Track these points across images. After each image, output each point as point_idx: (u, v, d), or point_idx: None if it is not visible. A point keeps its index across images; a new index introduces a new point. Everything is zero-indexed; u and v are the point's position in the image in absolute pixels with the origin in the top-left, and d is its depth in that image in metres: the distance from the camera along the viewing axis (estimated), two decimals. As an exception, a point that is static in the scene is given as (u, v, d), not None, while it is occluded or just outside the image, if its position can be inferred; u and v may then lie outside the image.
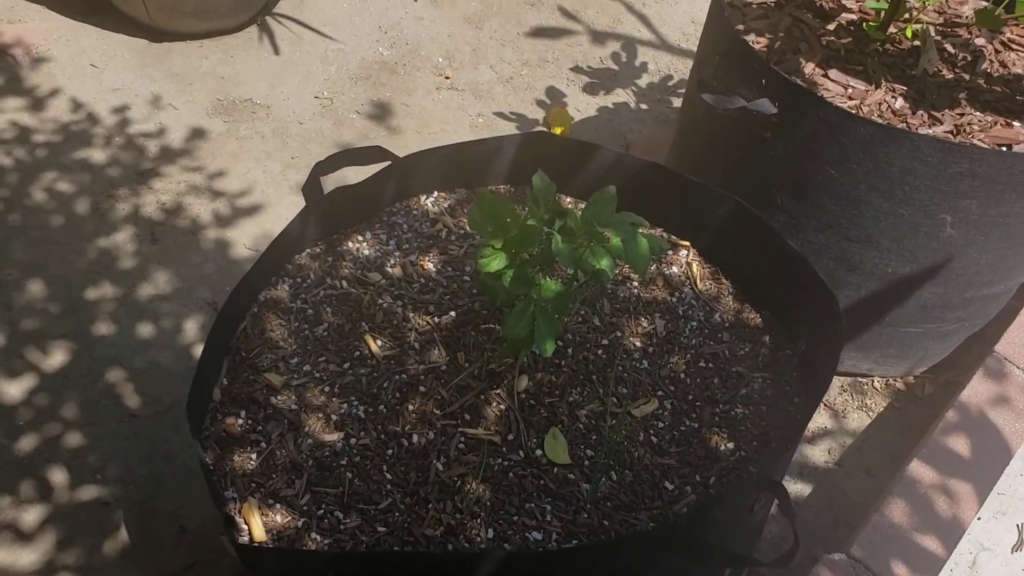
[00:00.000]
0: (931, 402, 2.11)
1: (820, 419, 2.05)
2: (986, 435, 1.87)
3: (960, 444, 1.84)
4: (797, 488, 1.93)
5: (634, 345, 1.44)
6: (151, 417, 1.87)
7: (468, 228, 1.55)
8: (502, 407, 1.33)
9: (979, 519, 1.95)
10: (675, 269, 1.56)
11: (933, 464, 1.79)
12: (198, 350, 1.99)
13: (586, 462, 1.29)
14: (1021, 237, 1.84)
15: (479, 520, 1.21)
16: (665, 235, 1.60)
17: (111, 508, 1.74)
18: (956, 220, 1.75)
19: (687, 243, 1.60)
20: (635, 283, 1.52)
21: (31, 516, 1.72)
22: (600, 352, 1.42)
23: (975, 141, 1.74)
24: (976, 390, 1.93)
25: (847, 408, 2.08)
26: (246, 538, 1.17)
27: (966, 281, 1.88)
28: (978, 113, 1.78)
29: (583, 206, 1.58)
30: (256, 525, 1.17)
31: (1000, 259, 1.86)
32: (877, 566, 1.60)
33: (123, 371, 1.94)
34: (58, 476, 1.77)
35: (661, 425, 1.35)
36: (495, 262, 1.22)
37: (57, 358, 1.96)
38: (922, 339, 2.02)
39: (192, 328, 2.03)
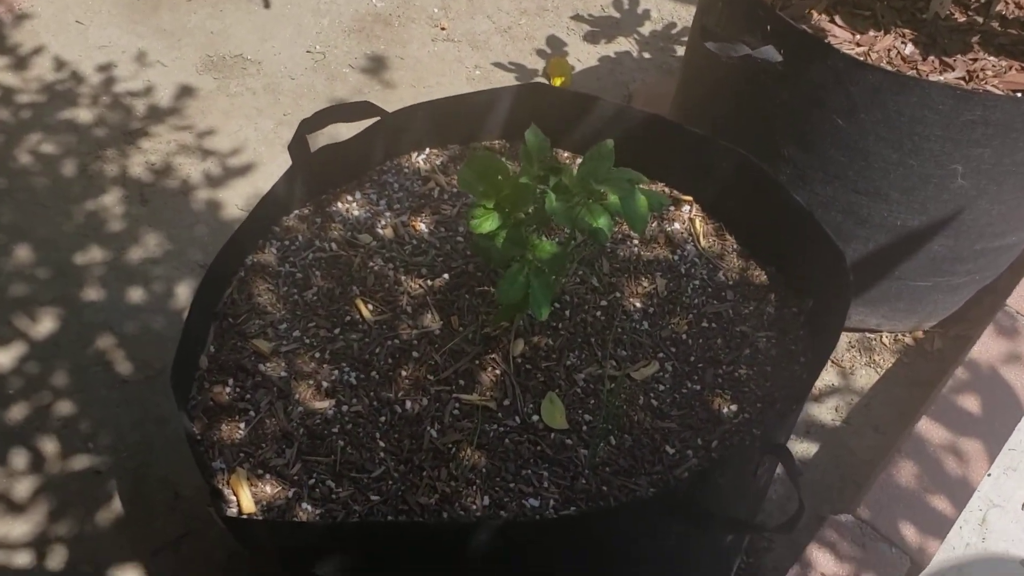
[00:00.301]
0: (941, 357, 2.06)
1: (827, 376, 2.01)
2: (997, 391, 1.83)
3: (970, 401, 1.80)
4: (803, 447, 1.89)
5: (634, 306, 1.39)
6: (142, 383, 1.84)
7: (459, 186, 1.50)
8: (497, 372, 1.29)
9: (989, 475, 1.91)
10: (677, 226, 1.51)
11: (942, 422, 1.76)
12: (190, 314, 1.95)
13: (584, 427, 1.25)
14: (1035, 186, 1.78)
15: (474, 487, 1.18)
16: (667, 190, 1.55)
17: (103, 476, 1.71)
18: (968, 170, 1.69)
19: (690, 198, 1.54)
20: (635, 241, 1.47)
21: (23, 487, 1.69)
22: (599, 314, 1.37)
23: (988, 87, 1.68)
24: (987, 345, 1.89)
25: (855, 365, 2.04)
26: (234, 510, 1.14)
27: (977, 233, 1.83)
28: (992, 58, 1.71)
29: (580, 161, 1.53)
30: (245, 497, 1.14)
31: (1013, 209, 1.81)
32: (884, 527, 1.57)
33: (114, 337, 1.90)
34: (49, 445, 1.75)
35: (662, 388, 1.31)
36: (487, 223, 1.17)
37: (46, 324, 1.92)
38: (932, 293, 1.97)
39: (184, 292, 1.99)
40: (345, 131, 2.15)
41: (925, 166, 1.69)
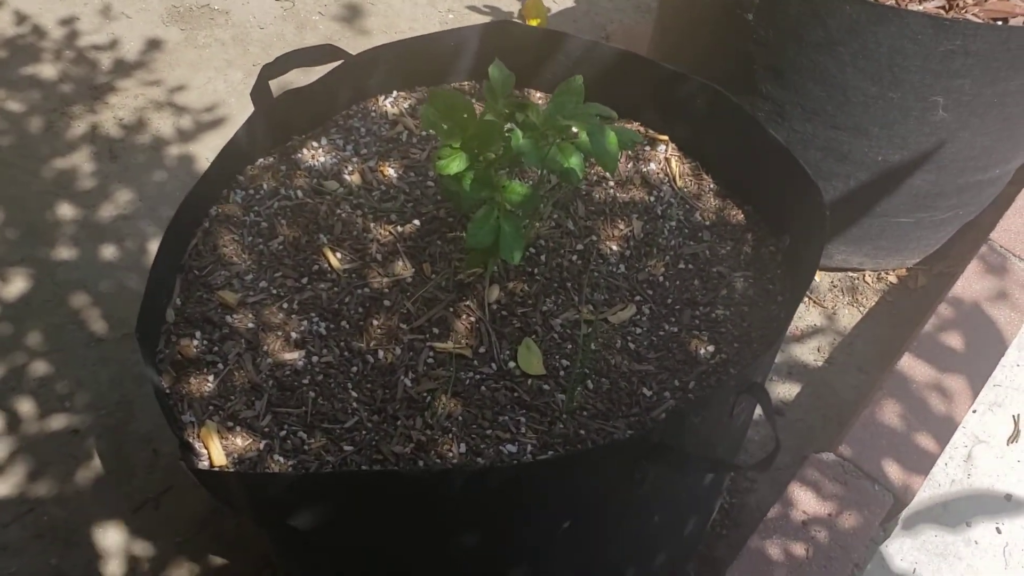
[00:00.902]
0: (924, 294, 2.05)
1: (810, 317, 2.00)
2: (980, 327, 1.82)
3: (953, 337, 1.79)
4: (786, 388, 1.89)
5: (610, 249, 1.37)
6: (119, 340, 1.82)
7: (422, 125, 1.47)
8: (472, 319, 1.26)
9: (974, 412, 1.91)
10: (653, 166, 1.48)
11: (925, 359, 1.75)
12: (165, 270, 1.93)
13: (561, 372, 1.23)
14: (1018, 118, 1.75)
15: (450, 435, 1.16)
16: (642, 129, 1.51)
17: (82, 435, 1.69)
18: (949, 102, 1.66)
19: (665, 137, 1.51)
20: (611, 184, 1.44)
21: (0, 448, 1.68)
22: (575, 258, 1.35)
23: (968, 16, 1.65)
24: (970, 281, 1.87)
25: (837, 304, 2.03)
26: (206, 463, 1.12)
27: (959, 166, 1.81)
28: (973, -15, 1.68)
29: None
30: (215, 449, 1.12)
31: (996, 142, 1.78)
32: (867, 464, 1.57)
33: (87, 295, 1.88)
34: (26, 406, 1.73)
35: (639, 331, 1.29)
36: (454, 163, 1.14)
37: (18, 284, 1.89)
38: (915, 229, 1.95)
39: (156, 248, 1.96)
40: (310, 78, 2.12)
41: (905, 99, 1.66)
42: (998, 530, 1.79)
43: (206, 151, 2.14)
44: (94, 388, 1.75)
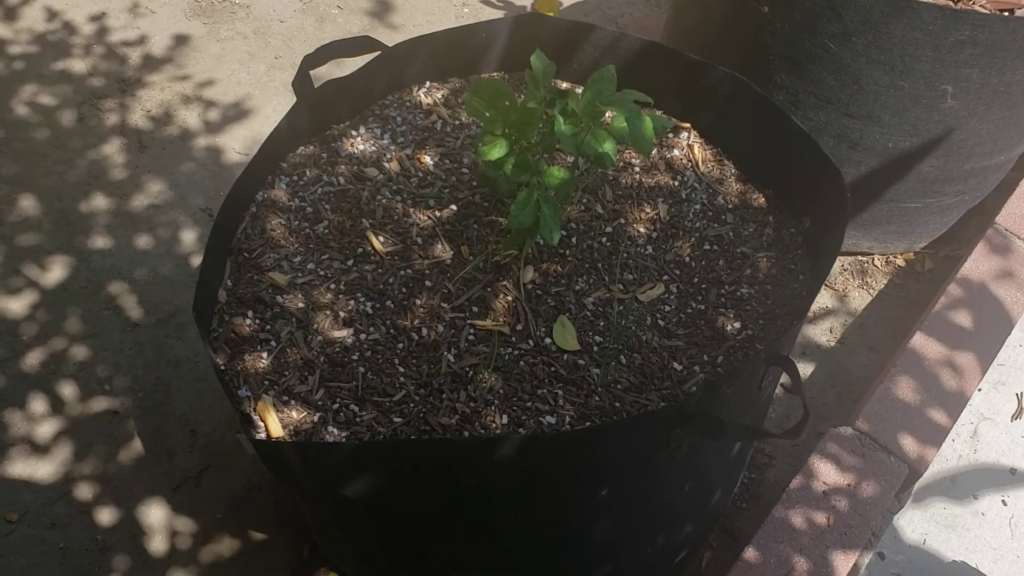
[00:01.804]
0: (932, 277, 2.12)
1: (822, 299, 2.06)
2: (987, 307, 1.88)
3: (962, 316, 1.86)
4: (800, 367, 1.95)
5: (638, 231, 1.43)
6: (154, 325, 1.87)
7: (463, 119, 1.52)
8: (509, 298, 1.32)
9: (980, 390, 1.98)
10: (676, 152, 1.54)
11: (936, 337, 1.81)
12: (196, 258, 1.98)
13: (595, 348, 1.29)
14: (1023, 106, 1.81)
15: (493, 407, 1.22)
16: (666, 116, 1.57)
17: (121, 417, 1.75)
18: (957, 90, 1.72)
19: (688, 125, 1.57)
20: (637, 169, 1.50)
21: (44, 429, 1.73)
22: (604, 240, 1.41)
23: (976, 7, 1.70)
24: (977, 262, 1.94)
25: (848, 287, 2.09)
26: (263, 435, 1.18)
27: (966, 153, 1.87)
28: (981, -23, 1.73)
29: (580, 91, 1.55)
30: (272, 422, 1.18)
31: (1001, 129, 1.84)
32: (883, 438, 1.63)
33: (123, 282, 1.93)
34: (67, 389, 1.78)
35: (668, 308, 1.35)
36: (496, 150, 1.20)
37: (56, 273, 1.94)
38: (922, 214, 2.01)
39: (189, 236, 2.01)
40: (341, 70, 2.18)
41: (916, 87, 1.72)
42: (1004, 503, 1.85)
43: (232, 142, 2.19)
44: (132, 372, 1.81)
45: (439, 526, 1.26)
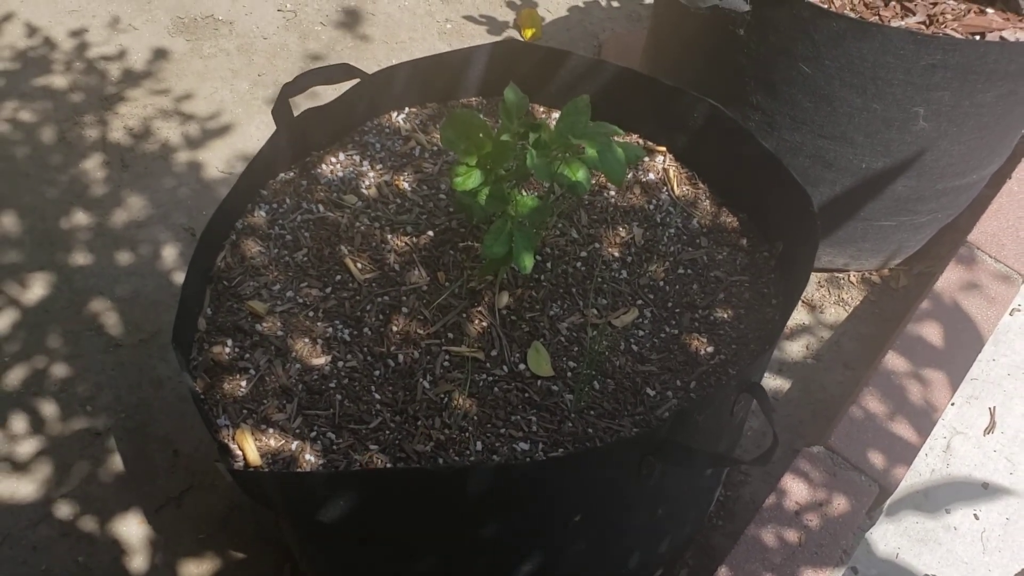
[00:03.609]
0: (906, 293, 2.15)
1: (798, 315, 2.09)
2: (959, 323, 1.91)
3: (933, 333, 1.89)
4: (776, 384, 1.98)
5: (613, 255, 1.45)
6: (136, 345, 1.88)
7: (441, 144, 1.54)
8: (484, 324, 1.34)
9: (953, 404, 2.01)
10: (652, 176, 1.56)
11: (907, 354, 1.84)
12: (178, 276, 1.99)
13: (569, 373, 1.31)
14: (993, 127, 1.84)
15: (467, 434, 1.24)
16: (640, 141, 1.60)
17: (103, 437, 1.76)
18: (929, 112, 1.75)
19: (663, 148, 1.59)
20: (612, 193, 1.52)
21: (25, 449, 1.74)
22: (579, 264, 1.43)
23: (948, 31, 1.73)
24: (949, 280, 1.97)
25: (824, 303, 2.12)
26: (241, 464, 1.19)
27: (939, 172, 1.90)
28: (951, 1, 1.76)
29: (556, 115, 1.57)
30: (250, 450, 1.19)
31: (972, 150, 1.87)
32: (854, 456, 1.66)
33: (105, 300, 1.94)
34: (48, 408, 1.79)
35: (641, 333, 1.37)
36: (470, 180, 1.22)
37: (36, 291, 1.95)
38: (896, 232, 2.04)
39: (170, 254, 2.02)
40: (323, 92, 2.19)
41: (888, 110, 1.75)
42: (976, 516, 1.88)
43: (215, 160, 2.21)
44: (113, 391, 1.82)
45: (416, 551, 1.28)
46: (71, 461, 1.73)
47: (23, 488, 1.70)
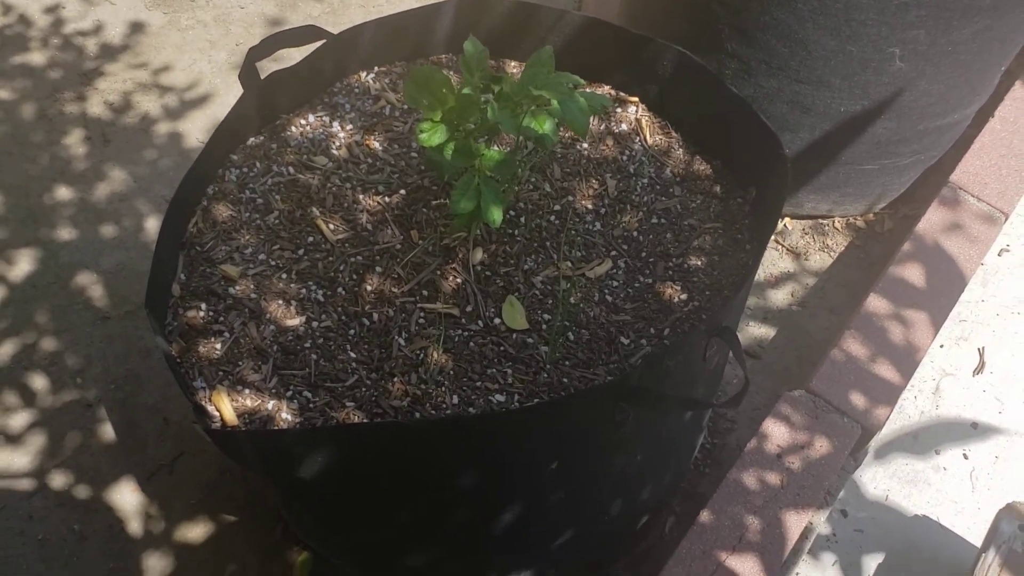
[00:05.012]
0: (891, 237, 2.14)
1: (783, 263, 2.09)
2: (941, 264, 1.91)
3: (915, 275, 1.89)
4: (761, 331, 1.98)
5: (586, 208, 1.45)
6: (123, 317, 1.90)
7: (405, 101, 1.54)
8: (458, 280, 1.35)
9: (941, 347, 2.01)
10: (624, 127, 1.56)
11: (889, 297, 1.84)
12: (163, 248, 2.00)
13: (544, 326, 1.32)
14: (971, 65, 1.83)
15: (444, 388, 1.25)
16: (612, 92, 1.59)
17: (94, 408, 1.78)
18: (905, 52, 1.74)
19: (635, 99, 1.59)
20: (585, 145, 1.52)
21: (17, 421, 1.77)
22: (552, 218, 1.43)
23: (921, -31, 1.71)
24: (931, 221, 1.96)
25: (809, 250, 2.12)
26: (218, 424, 1.21)
27: (918, 113, 1.89)
28: (924, -61, 1.74)
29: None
30: (227, 410, 1.21)
31: (951, 88, 1.86)
32: (835, 398, 1.67)
33: (91, 274, 1.95)
34: (39, 382, 1.81)
35: (615, 284, 1.37)
36: (436, 136, 1.22)
37: (23, 267, 1.96)
38: (879, 175, 2.03)
39: (153, 225, 2.03)
40: (296, 56, 2.18)
41: (863, 51, 1.74)
42: (965, 456, 1.90)
43: (195, 130, 2.21)
44: (102, 363, 1.84)
45: (398, 505, 1.30)
46: (63, 432, 1.76)
47: (17, 460, 1.72)
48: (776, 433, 1.62)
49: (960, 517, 1.81)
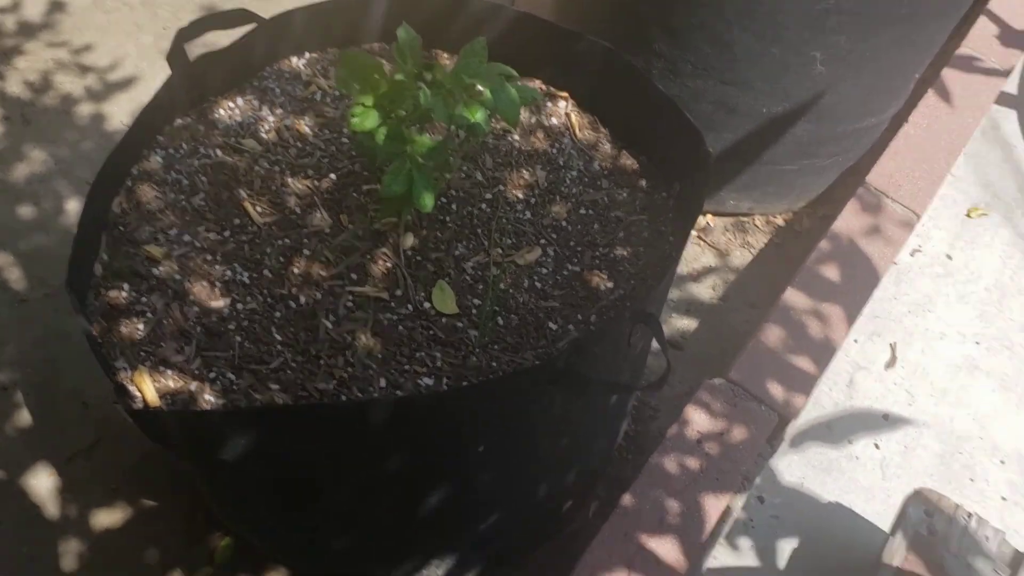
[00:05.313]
0: (809, 235, 2.21)
1: (705, 258, 2.14)
2: (856, 262, 1.98)
3: (832, 272, 1.96)
4: (685, 323, 2.03)
5: (517, 197, 1.47)
6: (41, 300, 1.85)
7: (336, 85, 1.54)
8: (388, 265, 1.35)
9: (856, 341, 2.09)
10: (554, 120, 1.58)
11: (807, 292, 1.90)
12: (84, 231, 1.96)
13: (473, 311, 1.34)
14: (890, 70, 1.90)
15: (371, 371, 1.26)
16: (543, 86, 1.61)
17: (9, 392, 1.74)
18: (826, 57, 1.80)
19: (565, 94, 1.61)
20: (516, 136, 1.54)
21: (-72, 407, 1.72)
22: (484, 206, 1.45)
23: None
24: (848, 221, 2.04)
25: (731, 247, 2.18)
26: (140, 405, 1.19)
27: (838, 116, 1.96)
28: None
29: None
30: (148, 391, 1.20)
31: (870, 93, 1.93)
32: (753, 387, 1.72)
33: (7, 255, 1.90)
34: (-48, 366, 1.76)
35: (544, 271, 1.40)
36: (368, 120, 1.23)
37: (-64, 248, 1.91)
38: (799, 175, 2.10)
39: (75, 208, 1.99)
40: (225, 41, 2.15)
41: (786, 55, 1.79)
42: (876, 446, 1.97)
43: (119, 113, 2.16)
44: (19, 346, 1.79)
45: (323, 489, 1.30)
46: (-24, 418, 1.71)
47: (-73, 447, 1.67)
48: (696, 420, 1.66)
49: (871, 503, 1.88)
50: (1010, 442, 2.02)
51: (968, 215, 2.39)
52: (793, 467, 1.90)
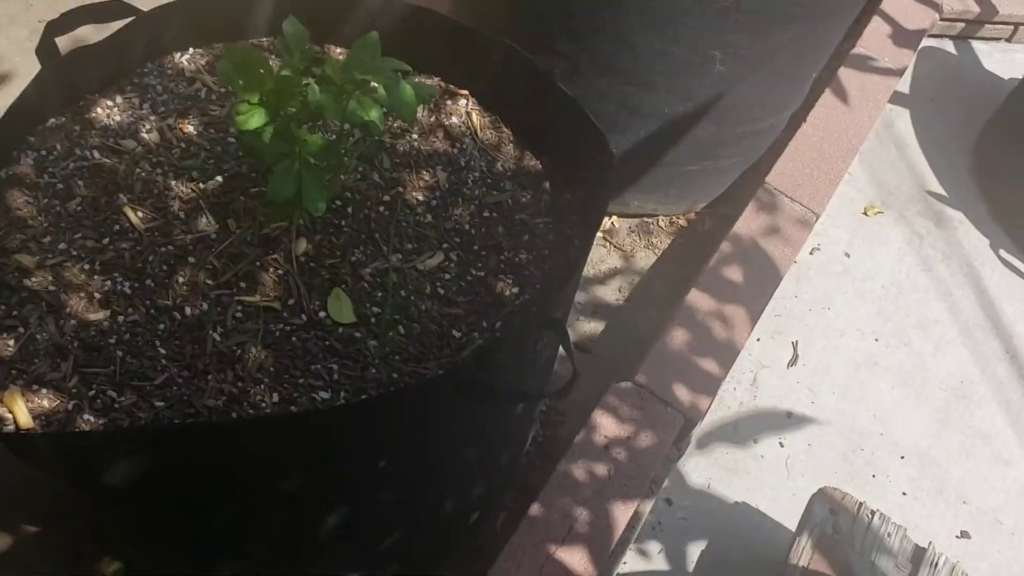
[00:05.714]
0: (710, 235, 2.23)
1: (611, 260, 2.13)
2: (757, 262, 2.00)
3: (734, 272, 1.97)
4: (591, 327, 2.01)
5: (417, 199, 1.42)
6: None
7: (218, 79, 1.46)
8: (280, 272, 1.29)
9: (758, 340, 2.11)
10: (455, 119, 1.54)
11: (710, 293, 1.91)
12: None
13: (373, 319, 1.28)
14: (787, 71, 1.92)
15: (263, 386, 1.19)
16: (442, 84, 1.57)
17: None
18: (725, 56, 1.80)
19: (466, 92, 1.57)
20: (415, 136, 1.49)
21: None
22: (382, 209, 1.39)
23: (739, -25, 1.78)
24: (747, 221, 2.05)
25: (635, 248, 2.17)
26: (12, 427, 1.10)
27: (737, 117, 1.97)
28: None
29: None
30: (21, 412, 1.10)
31: (769, 93, 1.95)
32: (659, 389, 1.71)
33: None
34: None
35: (448, 277, 1.35)
36: (253, 119, 1.16)
37: None
38: (700, 176, 2.11)
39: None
40: (103, 36, 2.04)
41: (686, 54, 1.79)
42: (781, 444, 1.99)
43: (-9, 113, 2.03)
44: None
45: (214, 510, 1.23)
46: None
47: None
48: (604, 424, 1.64)
49: (777, 503, 1.90)
50: (909, 438, 2.06)
51: (865, 213, 2.45)
52: (700, 468, 1.90)
